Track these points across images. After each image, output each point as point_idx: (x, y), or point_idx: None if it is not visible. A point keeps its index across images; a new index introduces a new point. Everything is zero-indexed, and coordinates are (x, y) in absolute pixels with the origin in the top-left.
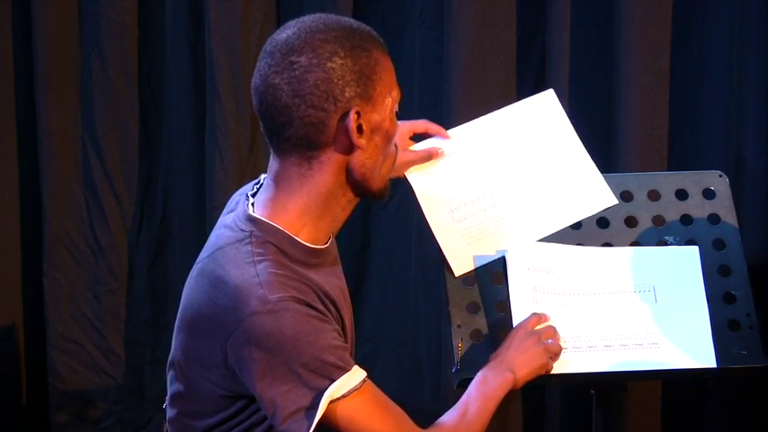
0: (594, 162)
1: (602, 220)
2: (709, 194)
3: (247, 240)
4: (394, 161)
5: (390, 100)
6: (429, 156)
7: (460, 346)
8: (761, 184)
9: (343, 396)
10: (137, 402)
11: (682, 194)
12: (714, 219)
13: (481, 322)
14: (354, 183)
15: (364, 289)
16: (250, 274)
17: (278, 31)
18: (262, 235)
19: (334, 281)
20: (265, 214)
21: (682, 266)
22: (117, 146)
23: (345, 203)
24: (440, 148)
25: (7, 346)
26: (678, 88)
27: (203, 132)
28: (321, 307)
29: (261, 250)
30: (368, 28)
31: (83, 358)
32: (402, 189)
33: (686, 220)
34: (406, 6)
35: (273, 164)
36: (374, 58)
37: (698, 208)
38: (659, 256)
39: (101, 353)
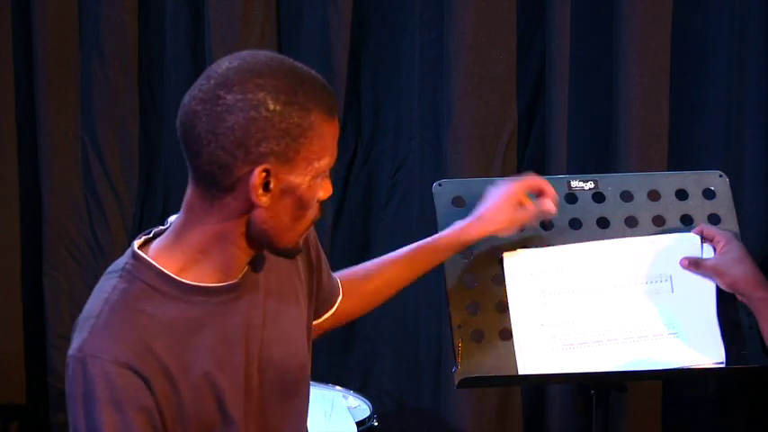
0: (594, 162)
1: (602, 220)
2: (709, 194)
3: (118, 274)
4: (310, 225)
5: (317, 166)
6: (543, 215)
7: (460, 346)
8: (761, 184)
9: None
10: None
11: (682, 194)
12: (714, 219)
13: (481, 322)
14: (258, 237)
15: None
16: (95, 311)
17: (229, 57)
18: (133, 271)
19: (234, 319)
20: (152, 248)
21: (687, 254)
22: (117, 146)
23: (250, 251)
24: (553, 207)
25: (7, 346)
26: (678, 88)
27: None
28: (148, 373)
29: (124, 286)
30: (322, 84)
31: None
32: (402, 189)
33: (686, 220)
34: (406, 6)
35: (188, 189)
36: (309, 121)
37: (698, 208)
38: (664, 244)
39: None
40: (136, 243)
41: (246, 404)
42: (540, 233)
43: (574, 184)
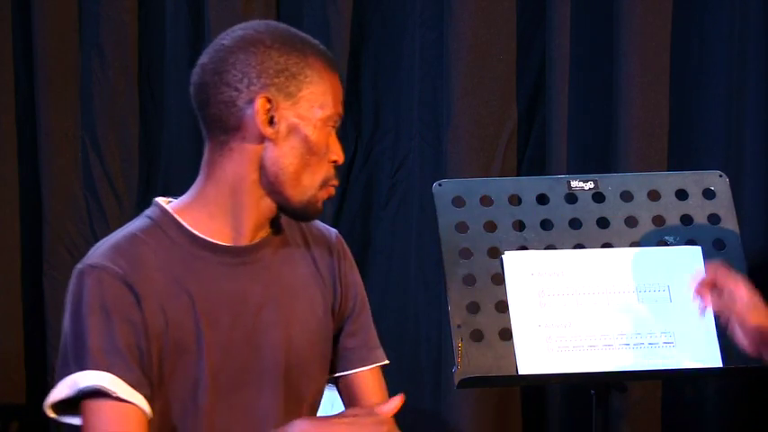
0: (594, 162)
1: (602, 220)
2: (709, 194)
3: (137, 218)
4: (324, 180)
5: (321, 112)
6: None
7: (460, 346)
8: (761, 184)
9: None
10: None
11: (682, 194)
12: (714, 219)
13: (481, 322)
14: (269, 183)
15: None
16: (105, 239)
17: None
18: (150, 215)
19: (234, 284)
20: (172, 203)
21: (686, 266)
22: (117, 146)
23: (263, 207)
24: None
25: (7, 346)
26: (678, 88)
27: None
28: (142, 291)
29: (138, 224)
30: (318, 42)
31: None
32: (402, 189)
33: (686, 220)
34: (406, 6)
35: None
36: (307, 62)
37: (698, 208)
38: (664, 256)
39: None
40: (159, 198)
41: (224, 372)
42: (540, 233)
43: (574, 184)
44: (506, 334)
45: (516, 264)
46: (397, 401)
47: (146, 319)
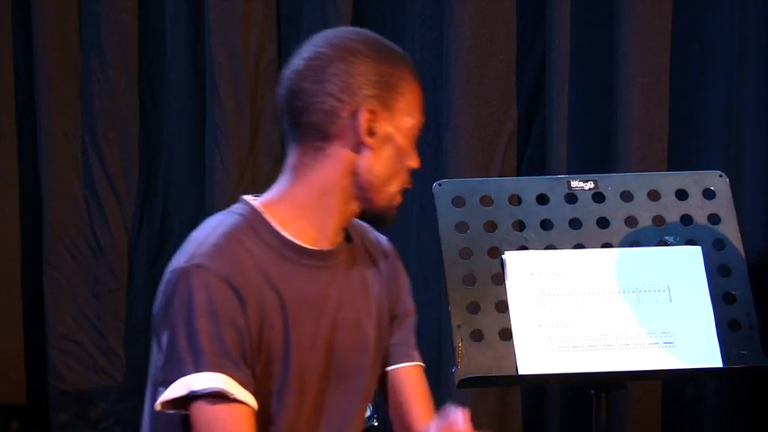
0: (594, 162)
1: (602, 220)
2: (709, 194)
3: (226, 213)
4: (401, 188)
5: (410, 120)
6: None
7: (460, 346)
8: (761, 184)
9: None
10: (137, 402)
11: (682, 194)
12: (714, 219)
13: (481, 322)
14: (359, 189)
15: None
16: (202, 236)
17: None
18: (241, 212)
19: (317, 287)
20: (260, 200)
21: (686, 266)
22: (117, 146)
23: (348, 211)
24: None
25: (7, 346)
26: (678, 88)
27: (203, 132)
28: (245, 293)
29: (232, 221)
30: (405, 53)
31: (83, 358)
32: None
33: (686, 220)
34: (406, 6)
35: (287, 158)
36: (402, 74)
37: (698, 208)
38: (664, 256)
39: (101, 353)
40: (246, 197)
41: (306, 373)
42: (540, 233)
43: (574, 184)
44: (506, 334)
45: (516, 264)
46: (465, 416)
47: (248, 320)
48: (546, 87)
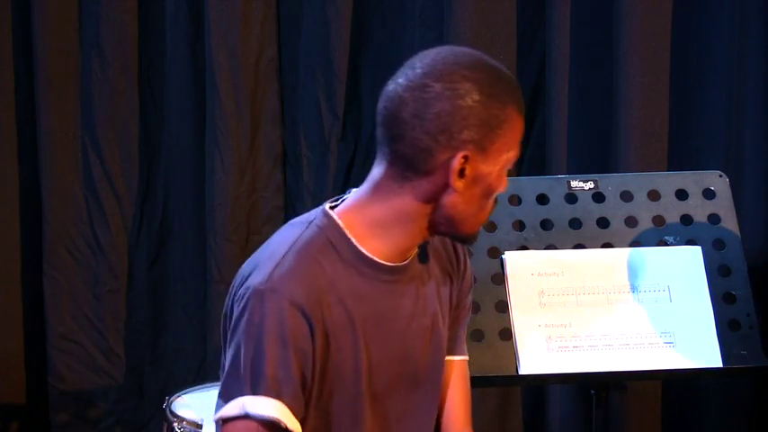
0: (594, 162)
1: (602, 220)
2: (709, 194)
3: (306, 224)
4: (489, 214)
5: (505, 158)
6: None
7: None
8: (761, 184)
9: (241, 416)
10: (137, 402)
11: (682, 194)
12: (714, 219)
13: (481, 322)
14: (440, 220)
15: None
16: (280, 253)
17: (432, 50)
18: (322, 226)
19: (390, 302)
20: (339, 211)
21: (686, 266)
22: (117, 146)
23: (426, 233)
24: None
25: (7, 346)
26: (678, 88)
27: (203, 132)
28: (316, 319)
29: (310, 236)
30: (516, 81)
31: (83, 358)
32: None
33: (686, 220)
34: (406, 6)
35: (374, 168)
36: (506, 113)
37: (698, 208)
38: (664, 256)
39: (101, 353)
40: (326, 204)
41: (381, 388)
42: (540, 233)
43: (574, 184)
44: (506, 334)
45: (516, 264)
46: None
47: (315, 348)
48: (546, 87)
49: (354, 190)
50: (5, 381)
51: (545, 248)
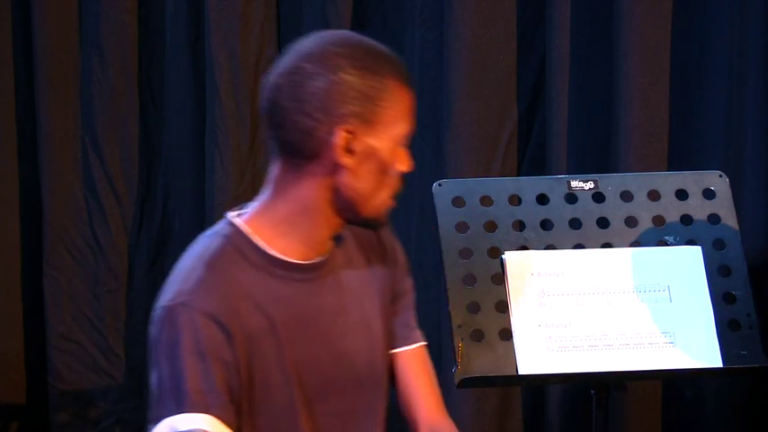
0: (594, 162)
1: (602, 220)
2: (709, 194)
3: (211, 236)
4: (392, 195)
5: (395, 132)
6: None
7: (460, 346)
8: (761, 184)
9: None
10: (137, 402)
11: (682, 194)
12: (714, 219)
13: (481, 322)
14: (342, 205)
15: None
16: (187, 267)
17: (302, 38)
18: (227, 235)
19: (310, 301)
20: (243, 217)
21: (686, 266)
22: (117, 146)
23: (334, 222)
24: None
25: (7, 346)
26: (678, 88)
27: (203, 132)
28: (232, 328)
29: (217, 247)
30: (392, 55)
31: (83, 358)
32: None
33: (686, 220)
34: (406, 6)
35: (271, 166)
36: (384, 84)
37: (698, 208)
38: (664, 256)
39: (101, 353)
40: (230, 214)
41: (315, 390)
42: (540, 233)
43: (574, 184)
44: (506, 334)
45: (516, 264)
46: None
47: (237, 356)
48: (546, 87)
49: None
50: (5, 381)
51: (545, 248)
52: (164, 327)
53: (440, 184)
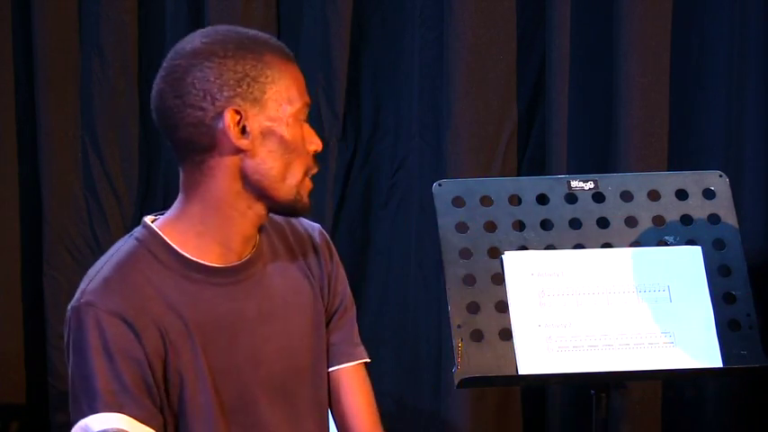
0: (594, 162)
1: (602, 220)
2: (709, 194)
3: (125, 240)
4: (305, 175)
5: (289, 108)
6: None
7: (460, 346)
8: (761, 184)
9: None
10: None
11: (682, 194)
12: (714, 219)
13: (481, 322)
14: (254, 191)
15: (364, 289)
16: (97, 267)
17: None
18: (140, 238)
19: (229, 305)
20: (158, 222)
21: (686, 266)
22: (117, 146)
23: (251, 215)
24: None
25: (7, 346)
26: (678, 88)
27: None
28: (140, 325)
29: (128, 249)
30: (269, 36)
31: None
32: (402, 189)
33: (686, 220)
34: (406, 6)
35: (180, 173)
36: (264, 62)
37: (698, 208)
38: (664, 256)
39: None
40: (147, 218)
41: (232, 395)
42: (540, 233)
43: (574, 184)
44: (506, 334)
45: (516, 264)
46: None
47: (147, 353)
48: (546, 87)
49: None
50: (5, 381)
51: (545, 248)
52: (72, 328)
53: (440, 184)
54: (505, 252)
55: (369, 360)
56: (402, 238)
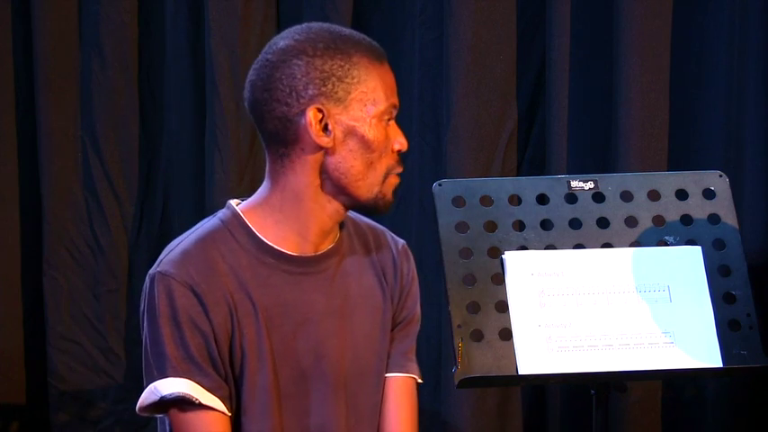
0: (594, 162)
1: (602, 220)
2: (709, 194)
3: (209, 218)
4: (387, 174)
5: (373, 109)
6: None
7: (460, 346)
8: (761, 184)
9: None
10: (136, 402)
11: (682, 194)
12: (714, 219)
13: (481, 322)
14: (335, 187)
15: None
16: (178, 241)
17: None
18: (224, 218)
19: (297, 294)
20: (242, 205)
21: (686, 266)
22: (117, 146)
23: (330, 210)
24: None
25: (7, 346)
26: (678, 88)
27: (203, 132)
28: (210, 300)
29: (209, 226)
30: (362, 36)
31: (83, 358)
32: (402, 189)
33: (686, 220)
34: (406, 6)
35: (266, 160)
36: (352, 62)
37: (698, 208)
38: (664, 256)
39: (101, 353)
40: (232, 201)
41: (288, 381)
42: (540, 233)
43: (574, 184)
44: (506, 334)
45: (516, 264)
46: None
47: (214, 326)
48: (546, 87)
49: None
50: (5, 381)
51: (545, 248)
52: (146, 295)
53: (440, 184)
54: (505, 252)
55: (421, 380)
56: (402, 237)
